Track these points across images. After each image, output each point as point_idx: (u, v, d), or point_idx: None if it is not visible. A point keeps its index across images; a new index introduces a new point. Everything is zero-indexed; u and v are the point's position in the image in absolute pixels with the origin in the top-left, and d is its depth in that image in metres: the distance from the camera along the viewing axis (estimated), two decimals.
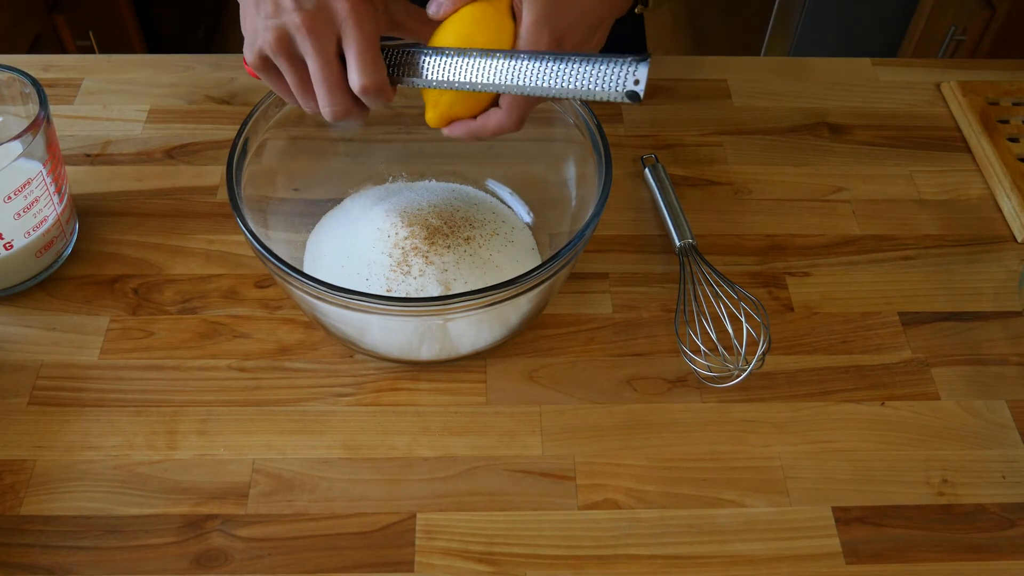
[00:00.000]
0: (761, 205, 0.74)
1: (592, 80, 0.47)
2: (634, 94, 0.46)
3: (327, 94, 0.51)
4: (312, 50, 0.49)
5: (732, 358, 0.62)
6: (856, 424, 0.61)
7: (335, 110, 0.52)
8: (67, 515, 0.55)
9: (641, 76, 0.45)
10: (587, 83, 0.47)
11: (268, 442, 0.59)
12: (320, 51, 0.49)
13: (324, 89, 0.51)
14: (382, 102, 0.52)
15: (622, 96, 0.46)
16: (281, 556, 0.54)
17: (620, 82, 0.46)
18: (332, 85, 0.51)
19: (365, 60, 0.49)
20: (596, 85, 0.47)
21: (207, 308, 0.65)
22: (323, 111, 0.52)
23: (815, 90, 0.84)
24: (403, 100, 0.69)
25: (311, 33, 0.49)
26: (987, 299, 0.68)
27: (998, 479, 0.58)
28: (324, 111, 0.52)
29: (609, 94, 0.47)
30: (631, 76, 0.46)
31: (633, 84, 0.46)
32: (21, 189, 0.60)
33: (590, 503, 0.57)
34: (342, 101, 0.51)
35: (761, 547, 0.55)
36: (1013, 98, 0.82)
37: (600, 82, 0.47)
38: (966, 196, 0.75)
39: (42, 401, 0.60)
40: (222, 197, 0.73)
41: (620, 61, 0.46)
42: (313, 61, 0.50)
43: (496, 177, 0.71)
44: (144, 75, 0.82)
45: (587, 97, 0.47)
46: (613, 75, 0.46)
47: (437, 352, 0.61)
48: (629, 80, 0.46)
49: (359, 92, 0.50)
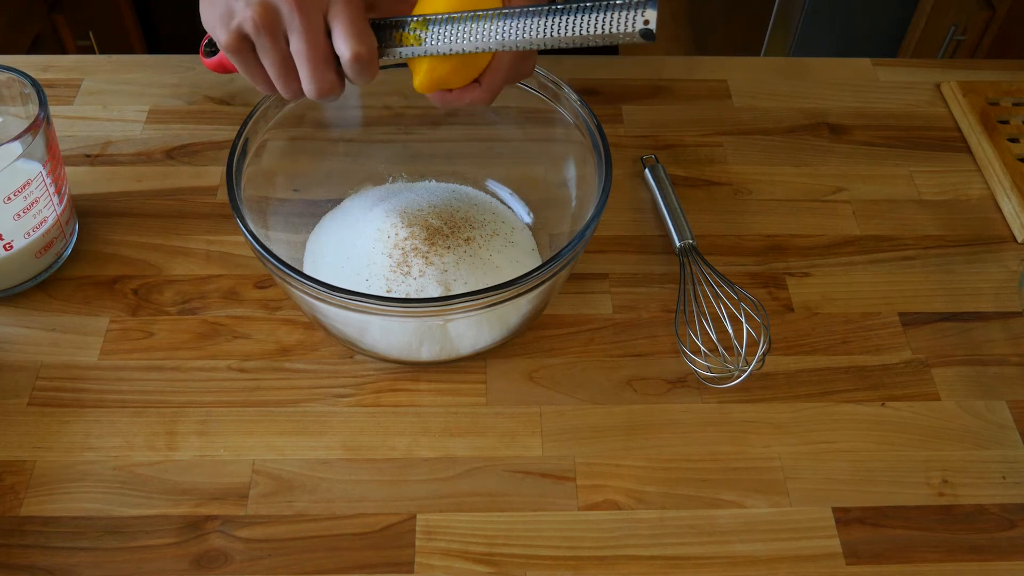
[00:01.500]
0: (761, 205, 0.74)
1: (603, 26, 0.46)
2: (648, 32, 0.45)
3: (313, 70, 0.50)
4: (301, 25, 0.48)
5: (732, 359, 0.62)
6: (856, 425, 0.61)
7: (321, 86, 0.51)
8: (67, 516, 0.55)
9: (651, 16, 0.45)
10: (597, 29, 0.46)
11: (268, 443, 0.59)
12: (309, 26, 0.48)
13: (310, 65, 0.50)
14: (368, 76, 0.51)
15: (636, 36, 0.46)
16: (281, 557, 0.54)
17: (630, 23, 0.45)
18: (319, 60, 0.50)
19: (356, 28, 0.49)
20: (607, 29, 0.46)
21: (207, 309, 0.65)
22: (307, 88, 0.51)
23: (815, 90, 0.84)
24: (403, 100, 0.69)
25: (300, 8, 0.48)
26: (987, 299, 0.68)
27: (998, 480, 0.58)
28: (308, 88, 0.51)
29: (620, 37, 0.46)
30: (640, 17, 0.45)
31: (643, 24, 0.45)
32: (21, 190, 0.60)
33: (590, 504, 0.57)
34: (328, 77, 0.50)
35: (761, 548, 0.55)
36: (1013, 98, 0.82)
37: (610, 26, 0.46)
38: (966, 196, 0.75)
39: (42, 402, 0.60)
40: (222, 197, 0.73)
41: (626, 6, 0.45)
42: (300, 37, 0.49)
43: (496, 177, 0.71)
44: (144, 75, 0.82)
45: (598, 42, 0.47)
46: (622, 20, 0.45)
47: (437, 353, 0.61)
48: (639, 21, 0.45)
49: (351, 60, 0.49)
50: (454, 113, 0.70)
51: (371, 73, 0.51)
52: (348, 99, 0.68)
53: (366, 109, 0.69)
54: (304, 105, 0.64)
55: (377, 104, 0.69)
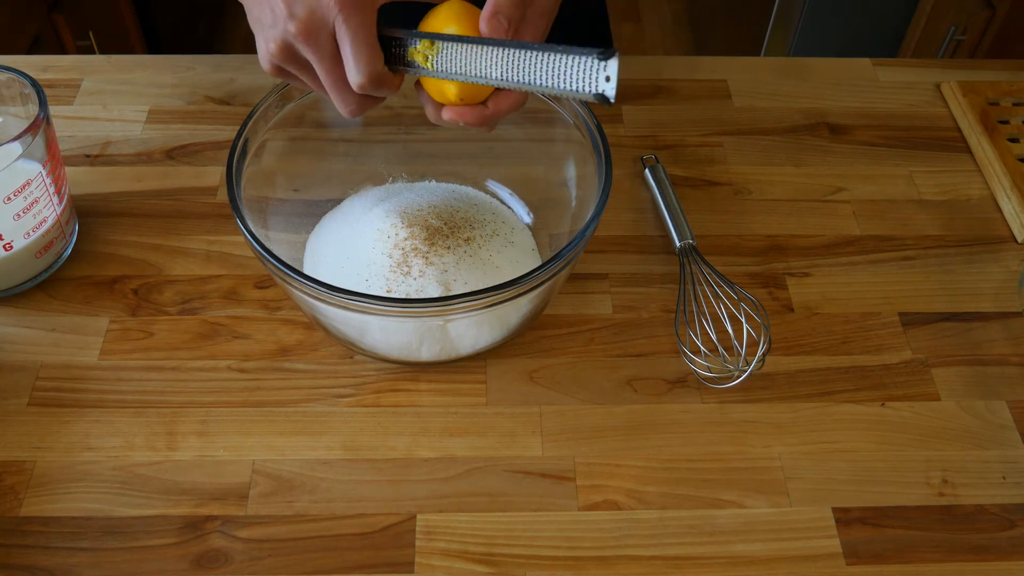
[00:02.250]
0: (761, 205, 0.74)
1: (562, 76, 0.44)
2: (603, 96, 0.43)
3: (338, 95, 0.52)
4: (313, 56, 0.50)
5: (732, 359, 0.62)
6: (856, 425, 0.61)
7: (349, 108, 0.52)
8: (67, 516, 0.55)
9: (611, 72, 0.43)
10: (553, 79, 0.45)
11: (268, 443, 0.59)
12: (321, 57, 0.50)
13: (334, 91, 0.52)
14: (387, 92, 0.52)
15: (592, 96, 0.44)
16: (281, 557, 0.54)
17: (588, 80, 0.44)
18: (339, 86, 0.51)
19: (358, 55, 0.49)
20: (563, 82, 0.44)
21: (207, 309, 0.65)
22: (340, 110, 0.53)
23: (815, 90, 0.84)
24: (403, 100, 0.69)
25: (307, 41, 0.49)
26: (987, 299, 0.68)
27: (998, 480, 0.58)
28: (340, 110, 0.53)
29: (576, 91, 0.44)
30: (600, 73, 0.43)
31: (604, 82, 0.43)
32: (21, 190, 0.60)
33: (590, 504, 0.57)
34: (353, 99, 0.52)
35: (761, 548, 0.55)
36: (1013, 98, 0.82)
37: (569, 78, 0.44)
38: (966, 196, 0.75)
39: (42, 402, 0.60)
40: (222, 198, 0.73)
41: (586, 55, 0.43)
42: (317, 66, 0.50)
43: (496, 178, 0.71)
44: (144, 75, 0.82)
45: (556, 94, 0.46)
46: (581, 70, 0.44)
47: (437, 353, 0.61)
48: (600, 77, 0.43)
49: (356, 89, 0.51)
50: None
51: (388, 89, 0.52)
52: None
53: None
54: (304, 105, 0.64)
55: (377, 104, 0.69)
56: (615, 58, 0.43)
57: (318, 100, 0.65)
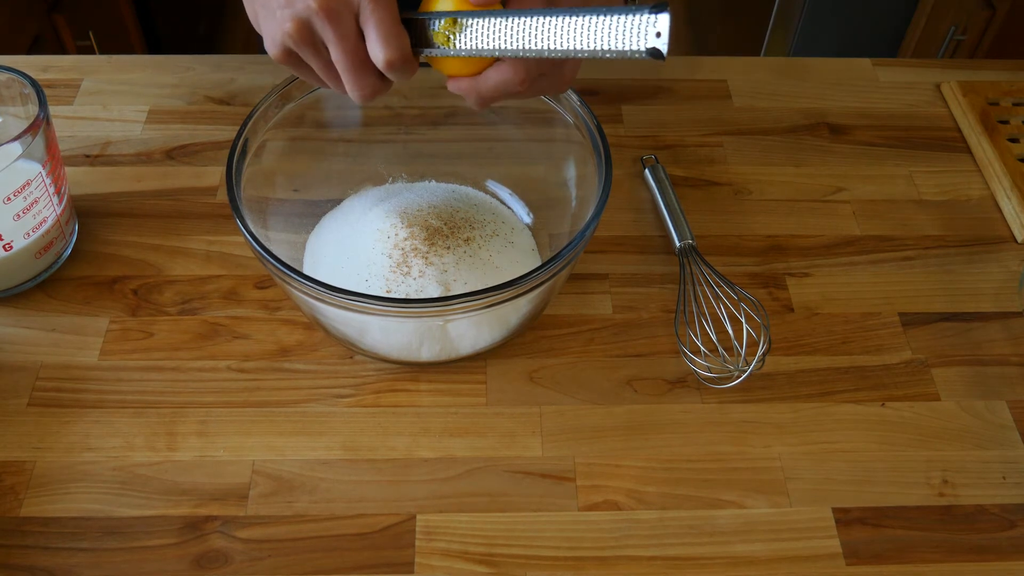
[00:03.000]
0: (761, 205, 0.74)
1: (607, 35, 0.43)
2: (656, 51, 0.42)
3: (352, 77, 0.51)
4: (333, 35, 0.49)
5: (732, 359, 0.62)
6: (856, 425, 0.61)
7: (363, 92, 0.51)
8: (67, 516, 0.55)
9: (662, 28, 0.42)
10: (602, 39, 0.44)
11: (268, 443, 0.59)
12: (341, 35, 0.49)
13: (350, 73, 0.51)
14: (406, 74, 0.51)
15: (643, 53, 0.43)
16: (281, 557, 0.54)
17: (639, 36, 0.42)
18: (357, 67, 0.50)
19: (387, 33, 0.48)
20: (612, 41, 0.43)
21: (207, 309, 0.65)
22: (351, 93, 0.52)
23: (815, 90, 0.84)
24: (403, 100, 0.69)
25: (329, 18, 0.48)
26: (987, 299, 0.68)
27: (998, 480, 0.58)
28: (352, 94, 0.52)
29: (628, 51, 0.43)
30: (651, 28, 0.42)
31: (655, 37, 0.42)
32: (20, 190, 0.60)
33: (590, 504, 0.56)
34: (368, 82, 0.51)
35: (761, 548, 0.55)
36: (1013, 98, 0.82)
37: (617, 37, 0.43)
38: (966, 196, 0.75)
39: (42, 402, 0.60)
40: (222, 198, 0.73)
41: (636, 12, 0.42)
42: (335, 46, 0.49)
43: (496, 178, 0.71)
44: (144, 75, 0.82)
45: (605, 56, 0.44)
46: (632, 28, 0.43)
47: (437, 353, 0.61)
48: (650, 33, 0.42)
49: (384, 67, 0.49)
50: (454, 113, 0.70)
51: (409, 73, 0.51)
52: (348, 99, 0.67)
53: (366, 109, 0.69)
54: (304, 105, 0.64)
55: (377, 104, 0.69)
56: (666, 12, 0.42)
57: (318, 100, 0.65)
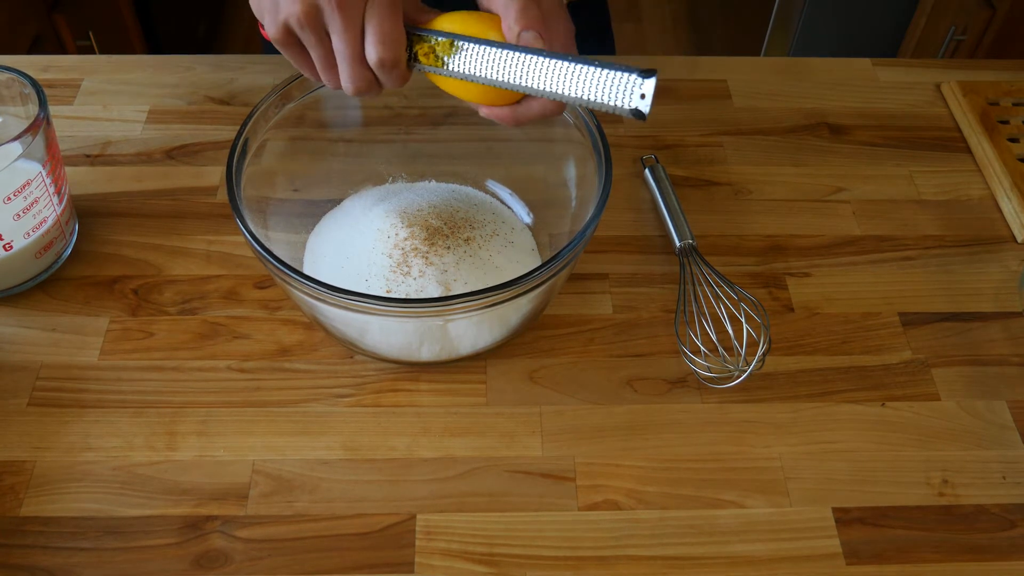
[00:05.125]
0: (761, 205, 0.74)
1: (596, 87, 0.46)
2: (639, 112, 0.45)
3: (350, 68, 0.52)
4: (340, 25, 0.50)
5: (732, 359, 0.62)
6: (856, 425, 0.61)
7: (357, 85, 0.52)
8: (67, 516, 0.55)
9: (648, 91, 0.45)
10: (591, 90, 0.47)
11: (268, 443, 0.59)
12: (348, 26, 0.50)
13: (347, 64, 0.52)
14: (397, 80, 0.52)
15: (627, 111, 0.46)
16: (281, 557, 0.54)
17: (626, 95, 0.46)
18: (355, 60, 0.51)
19: (385, 33, 0.50)
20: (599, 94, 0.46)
21: (207, 309, 0.65)
22: (344, 85, 0.53)
23: (815, 90, 0.84)
24: (403, 100, 0.69)
25: (340, 8, 0.49)
26: (987, 299, 0.68)
27: (998, 480, 0.58)
28: (345, 85, 0.53)
29: (613, 106, 0.46)
30: (638, 89, 0.45)
31: (639, 98, 0.45)
32: (21, 190, 0.60)
33: (590, 504, 0.57)
34: (364, 76, 0.52)
35: (761, 548, 0.55)
36: (1013, 98, 0.82)
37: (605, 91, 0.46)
38: (966, 196, 0.75)
39: (42, 402, 0.60)
40: (222, 197, 0.73)
41: (627, 71, 0.46)
42: (339, 36, 0.50)
43: (496, 178, 0.71)
44: (144, 75, 0.82)
45: (589, 105, 0.47)
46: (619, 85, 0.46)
47: (437, 353, 0.61)
48: (635, 94, 0.45)
49: (375, 65, 0.51)
50: (454, 113, 0.70)
51: (398, 78, 0.52)
52: (348, 99, 0.68)
53: (366, 109, 0.69)
54: (304, 105, 0.64)
55: (377, 104, 0.69)
56: (653, 77, 0.45)
57: (318, 100, 0.65)
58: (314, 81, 0.56)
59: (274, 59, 0.84)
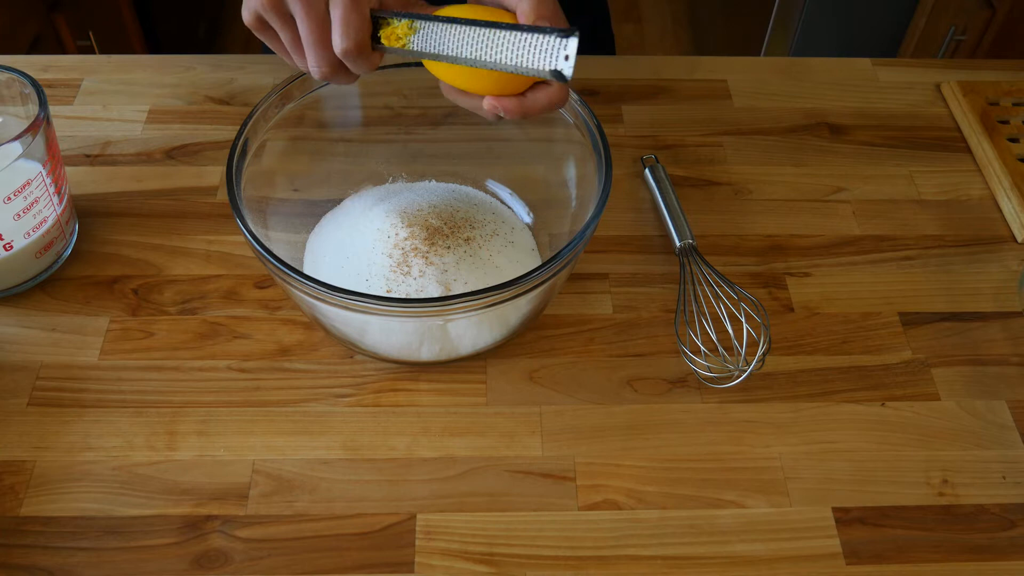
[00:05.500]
0: (761, 205, 0.74)
1: (519, 52, 0.46)
2: (559, 73, 0.45)
3: (314, 53, 0.52)
4: (301, 10, 0.50)
5: (732, 359, 0.62)
6: (856, 424, 0.61)
7: (321, 70, 0.53)
8: (67, 516, 0.55)
9: (570, 51, 0.45)
10: (514, 55, 0.46)
11: (268, 443, 0.59)
12: (308, 12, 0.50)
13: (312, 49, 0.52)
14: (364, 65, 0.52)
15: (547, 73, 0.46)
16: (281, 557, 0.54)
17: (548, 57, 0.45)
18: (319, 45, 0.52)
19: (347, 21, 0.50)
20: (523, 59, 0.46)
21: (207, 309, 0.65)
22: (312, 69, 0.53)
23: (815, 90, 0.84)
24: (403, 100, 0.69)
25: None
26: (987, 299, 0.68)
27: (998, 479, 0.58)
28: (312, 70, 0.53)
29: (536, 69, 0.46)
30: (560, 51, 0.45)
31: (563, 60, 0.45)
32: (21, 190, 0.60)
33: (590, 504, 0.57)
34: (328, 61, 0.52)
35: (761, 548, 0.55)
36: (1013, 98, 0.82)
37: (527, 55, 0.46)
38: (966, 196, 0.75)
39: (42, 402, 0.60)
40: (222, 197, 0.73)
41: (548, 33, 0.45)
42: (301, 21, 0.51)
43: (496, 178, 0.71)
44: (144, 75, 0.82)
45: (517, 71, 0.47)
46: (541, 48, 0.46)
47: (437, 353, 0.61)
48: (559, 55, 0.45)
49: (340, 55, 0.51)
50: (454, 113, 0.70)
51: (364, 64, 0.52)
52: (348, 99, 0.68)
53: (366, 109, 0.69)
54: (304, 105, 0.64)
55: (377, 104, 0.69)
56: (575, 37, 0.45)
57: (318, 100, 0.65)
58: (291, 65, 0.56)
59: (274, 59, 0.84)
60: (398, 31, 0.51)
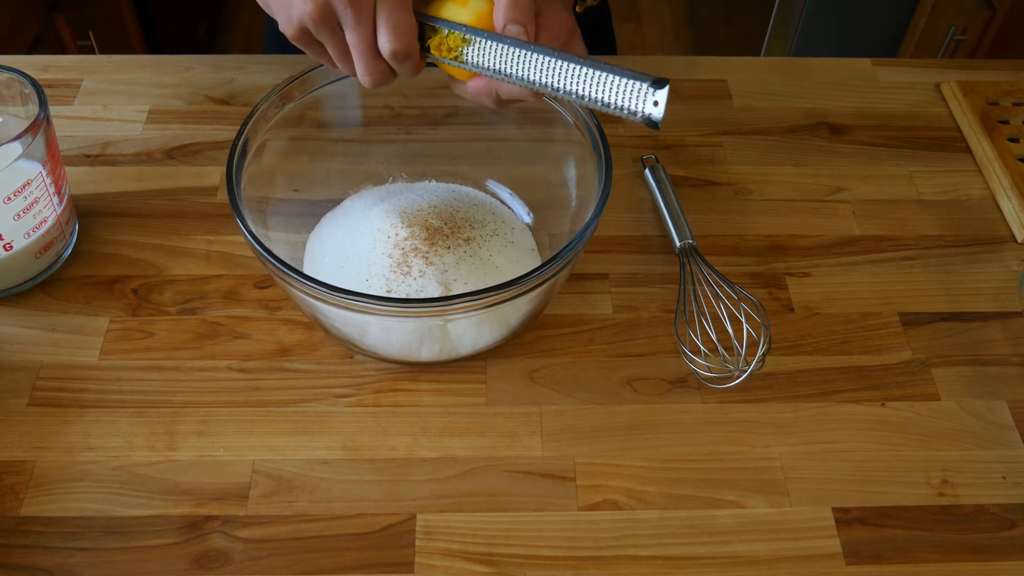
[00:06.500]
0: (761, 205, 0.74)
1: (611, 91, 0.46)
2: (651, 119, 0.45)
3: (365, 62, 0.52)
4: (352, 20, 0.50)
5: (732, 359, 0.62)
6: (856, 425, 0.61)
7: (374, 77, 0.53)
8: (67, 516, 0.55)
9: (660, 99, 0.45)
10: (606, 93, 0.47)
11: (268, 443, 0.59)
12: (360, 21, 0.50)
13: (362, 57, 0.52)
14: (411, 69, 0.53)
15: (640, 117, 0.46)
16: (281, 557, 0.54)
17: (640, 102, 0.46)
18: (369, 53, 0.52)
19: (396, 24, 0.50)
20: (614, 97, 0.46)
21: (207, 309, 0.65)
22: (361, 77, 0.53)
23: (815, 90, 0.84)
24: (403, 100, 0.69)
25: (352, 3, 0.50)
26: (987, 299, 0.68)
27: (998, 479, 0.58)
28: (362, 78, 0.53)
29: (628, 110, 0.46)
30: (651, 97, 0.45)
31: (652, 106, 0.45)
32: (21, 190, 0.60)
33: (590, 504, 0.57)
34: (379, 68, 0.53)
35: (761, 548, 0.55)
36: (1013, 98, 0.82)
37: (620, 95, 0.46)
38: (966, 196, 0.75)
39: (42, 402, 0.60)
40: (222, 197, 0.73)
41: (642, 79, 0.46)
42: (352, 31, 0.51)
43: (496, 178, 0.71)
44: (144, 75, 0.82)
45: (602, 108, 0.47)
46: (632, 92, 0.46)
47: (437, 353, 0.61)
48: (648, 101, 0.46)
49: (388, 56, 0.51)
50: (454, 113, 0.70)
51: (411, 68, 0.53)
52: (348, 99, 0.68)
53: (366, 109, 0.69)
54: (304, 105, 0.64)
55: (377, 104, 0.69)
56: (667, 87, 0.45)
57: (318, 100, 0.65)
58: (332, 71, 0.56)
59: (274, 59, 0.84)
60: (449, 42, 0.51)
